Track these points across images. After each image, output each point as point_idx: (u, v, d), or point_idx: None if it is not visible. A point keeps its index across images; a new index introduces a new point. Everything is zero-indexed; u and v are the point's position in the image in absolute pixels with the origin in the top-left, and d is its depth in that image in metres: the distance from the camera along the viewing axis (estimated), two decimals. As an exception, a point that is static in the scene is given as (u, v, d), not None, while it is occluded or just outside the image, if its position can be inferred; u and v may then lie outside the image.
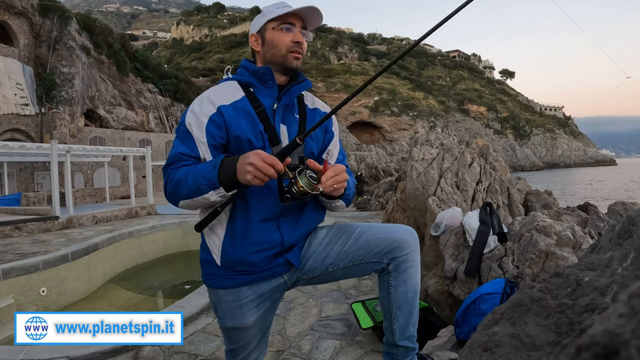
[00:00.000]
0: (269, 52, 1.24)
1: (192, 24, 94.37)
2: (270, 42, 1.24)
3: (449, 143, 6.39)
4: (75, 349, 3.03)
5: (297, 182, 1.04)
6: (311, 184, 1.04)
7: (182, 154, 1.16)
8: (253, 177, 1.01)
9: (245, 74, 1.27)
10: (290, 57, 1.23)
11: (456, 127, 68.97)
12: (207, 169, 1.08)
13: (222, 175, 1.06)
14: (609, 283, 0.63)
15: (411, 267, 1.23)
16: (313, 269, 1.26)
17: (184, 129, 1.19)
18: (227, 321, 1.26)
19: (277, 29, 1.23)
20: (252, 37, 1.29)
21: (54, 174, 9.83)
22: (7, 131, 18.76)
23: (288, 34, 1.22)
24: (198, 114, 1.18)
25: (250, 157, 1.02)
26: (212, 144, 1.16)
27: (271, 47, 1.24)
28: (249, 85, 1.26)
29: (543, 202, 4.80)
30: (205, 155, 1.16)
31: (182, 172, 1.12)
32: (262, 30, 1.26)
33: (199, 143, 1.16)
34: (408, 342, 1.28)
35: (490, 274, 2.60)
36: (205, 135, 1.15)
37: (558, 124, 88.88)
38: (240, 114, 1.19)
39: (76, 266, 6.11)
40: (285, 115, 1.25)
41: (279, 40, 1.22)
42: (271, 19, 1.23)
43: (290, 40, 1.22)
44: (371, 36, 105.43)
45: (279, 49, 1.22)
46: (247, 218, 1.17)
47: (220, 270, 1.22)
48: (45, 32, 22.12)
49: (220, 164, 1.07)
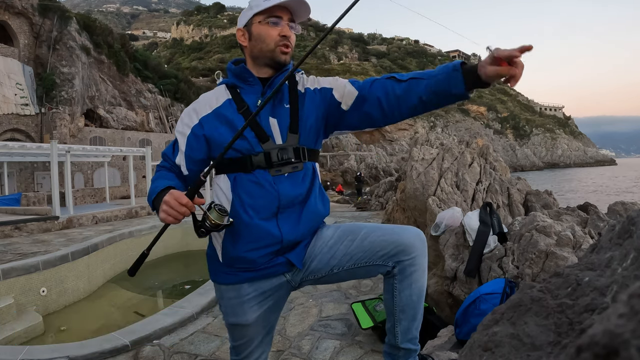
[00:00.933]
0: (257, 47, 1.23)
1: (192, 24, 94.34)
2: (257, 36, 1.22)
3: (449, 143, 6.39)
4: (75, 348, 3.03)
5: (209, 217, 1.11)
6: (221, 216, 1.11)
7: (166, 155, 1.29)
8: (166, 215, 1.08)
9: (230, 76, 1.28)
10: (278, 51, 1.21)
11: (456, 127, 68.96)
12: (154, 190, 1.17)
13: (155, 204, 1.14)
14: (609, 283, 0.63)
15: (417, 270, 1.21)
16: (318, 270, 1.25)
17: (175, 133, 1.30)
18: (229, 317, 1.27)
19: (264, 23, 1.21)
20: (239, 32, 1.28)
21: (54, 174, 9.83)
22: (7, 131, 18.75)
23: (275, 28, 1.20)
24: (184, 123, 1.26)
25: (165, 197, 1.09)
26: (188, 154, 1.24)
27: (258, 41, 1.22)
28: (235, 87, 1.26)
29: (543, 202, 4.80)
30: (180, 162, 1.25)
31: (155, 177, 1.25)
32: (249, 25, 1.24)
33: (180, 151, 1.25)
34: (410, 345, 1.28)
35: (490, 274, 2.59)
36: (185, 146, 1.24)
37: (558, 124, 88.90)
38: (221, 119, 1.22)
39: (76, 266, 6.11)
40: (274, 108, 1.22)
41: (266, 35, 1.21)
42: (257, 13, 1.20)
43: (277, 34, 1.20)
44: (371, 36, 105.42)
45: (267, 43, 1.21)
46: (245, 216, 1.18)
47: (222, 266, 1.25)
48: (45, 32, 22.10)
49: (158, 193, 1.14)
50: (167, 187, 1.14)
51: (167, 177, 1.22)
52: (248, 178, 1.18)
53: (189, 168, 1.24)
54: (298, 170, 1.21)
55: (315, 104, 1.26)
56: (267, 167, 1.18)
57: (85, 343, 3.21)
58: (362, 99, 1.22)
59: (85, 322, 5.26)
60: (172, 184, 1.16)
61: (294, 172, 1.21)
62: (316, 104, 1.26)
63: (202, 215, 1.13)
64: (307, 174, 1.24)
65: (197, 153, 1.23)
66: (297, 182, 1.21)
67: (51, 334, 4.87)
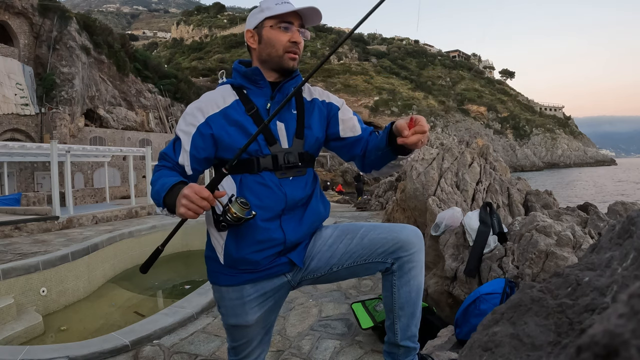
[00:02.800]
0: (265, 51, 1.22)
1: (192, 24, 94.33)
2: (267, 40, 1.21)
3: (449, 143, 6.39)
4: (75, 348, 3.03)
5: (230, 209, 1.07)
6: (243, 209, 1.07)
7: (166, 154, 1.24)
8: (187, 210, 1.02)
9: (237, 77, 1.26)
10: (287, 57, 1.21)
11: (456, 127, 68.95)
12: (162, 188, 1.12)
13: (167, 201, 1.10)
14: (609, 283, 0.63)
15: (415, 267, 1.23)
16: (317, 268, 1.26)
17: (176, 132, 1.24)
18: (230, 318, 1.26)
19: (275, 28, 1.20)
20: (248, 33, 1.26)
21: (54, 174, 9.83)
22: (7, 131, 18.74)
23: (286, 34, 1.20)
24: (188, 122, 1.22)
25: (184, 190, 1.03)
26: (194, 154, 1.20)
27: (268, 46, 1.21)
28: (241, 88, 1.25)
29: (543, 202, 4.80)
30: (184, 161, 1.21)
31: (156, 176, 1.20)
32: (260, 27, 1.23)
33: (183, 151, 1.21)
34: (410, 342, 1.28)
35: (490, 274, 2.59)
36: (190, 145, 1.20)
37: (558, 124, 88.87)
38: (229, 120, 1.19)
39: (76, 266, 6.11)
40: (282, 113, 1.23)
41: (276, 40, 1.20)
42: (269, 17, 1.19)
43: (287, 39, 1.19)
44: (371, 36, 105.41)
45: (276, 48, 1.20)
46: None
47: (223, 268, 1.23)
48: (45, 32, 22.10)
49: (170, 188, 1.10)
50: (181, 182, 1.11)
51: (171, 175, 1.17)
52: (255, 179, 1.18)
53: (194, 167, 1.22)
54: (302, 174, 1.24)
55: (322, 115, 1.31)
56: (274, 170, 1.19)
57: (85, 343, 3.21)
58: (359, 140, 1.31)
59: (85, 322, 5.26)
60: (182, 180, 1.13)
61: (297, 176, 1.23)
62: (323, 115, 1.31)
63: (223, 208, 1.09)
64: (309, 179, 1.27)
65: (202, 152, 1.20)
66: (301, 185, 1.23)
67: (51, 334, 4.87)
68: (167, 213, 1.13)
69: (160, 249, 1.16)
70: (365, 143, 1.29)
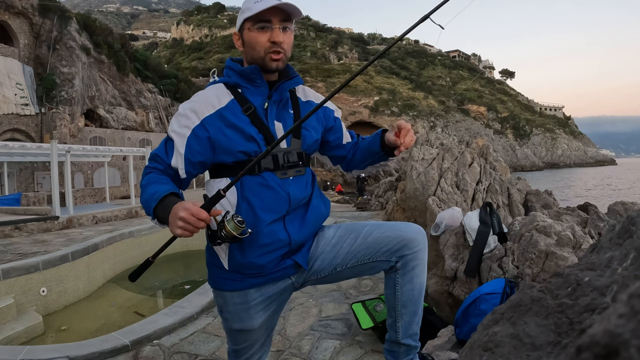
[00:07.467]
0: (249, 54, 1.20)
1: (192, 24, 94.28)
2: (248, 43, 1.18)
3: (449, 143, 6.39)
4: (75, 348, 3.03)
5: (225, 227, 1.04)
6: (238, 227, 1.04)
7: (157, 156, 1.18)
8: (183, 231, 0.99)
9: (232, 75, 1.22)
10: (268, 58, 1.17)
11: (456, 127, 68.92)
12: (152, 197, 1.07)
13: (158, 213, 1.06)
14: (609, 283, 0.63)
15: (418, 265, 1.22)
16: (321, 269, 1.25)
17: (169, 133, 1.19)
18: (234, 323, 1.24)
19: (253, 30, 1.16)
20: (235, 36, 1.25)
21: (54, 174, 9.83)
22: (7, 131, 18.75)
23: (264, 34, 1.15)
24: (182, 124, 1.16)
25: (180, 212, 0.99)
26: (188, 157, 1.15)
27: (249, 48, 1.19)
28: (237, 87, 1.21)
29: (543, 202, 4.80)
30: (177, 164, 1.15)
31: (145, 180, 1.14)
32: (242, 29, 1.20)
33: (177, 153, 1.15)
34: (411, 341, 1.28)
35: (490, 274, 2.59)
36: (185, 148, 1.14)
37: (558, 124, 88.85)
38: (226, 122, 1.15)
39: (76, 266, 6.11)
40: (279, 112, 1.22)
41: (255, 42, 1.16)
42: (247, 18, 1.16)
43: (266, 40, 1.15)
44: (371, 36, 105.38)
45: (257, 50, 1.17)
46: (254, 220, 1.14)
47: (228, 273, 1.19)
48: (45, 32, 22.12)
49: (162, 199, 1.05)
50: (170, 194, 1.07)
51: (161, 181, 1.12)
52: (256, 181, 1.15)
53: (188, 171, 1.17)
54: (302, 174, 1.23)
55: (319, 117, 1.32)
56: (274, 170, 1.17)
57: (85, 343, 3.22)
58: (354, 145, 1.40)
59: (85, 322, 5.26)
60: (173, 190, 1.09)
61: (297, 175, 1.22)
62: (319, 117, 1.32)
63: (217, 225, 1.06)
64: (309, 179, 1.27)
65: (198, 156, 1.15)
66: (302, 185, 1.22)
67: (51, 334, 4.87)
68: (157, 223, 1.09)
69: (150, 260, 1.13)
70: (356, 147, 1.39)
